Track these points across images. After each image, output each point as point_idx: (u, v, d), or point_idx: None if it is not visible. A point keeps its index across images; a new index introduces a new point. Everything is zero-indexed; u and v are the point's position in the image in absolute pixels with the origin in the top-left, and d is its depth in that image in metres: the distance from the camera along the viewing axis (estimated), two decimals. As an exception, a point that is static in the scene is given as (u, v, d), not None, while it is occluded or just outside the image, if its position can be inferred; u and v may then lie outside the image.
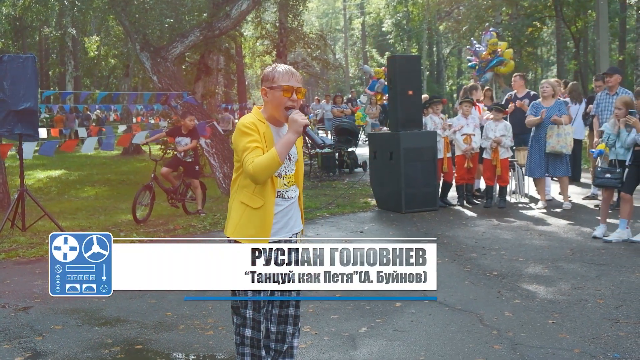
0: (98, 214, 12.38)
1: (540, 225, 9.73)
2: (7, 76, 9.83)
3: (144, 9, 14.79)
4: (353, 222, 10.55)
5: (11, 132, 10.05)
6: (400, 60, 11.89)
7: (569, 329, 5.44)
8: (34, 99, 10.02)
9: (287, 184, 4.01)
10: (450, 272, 7.32)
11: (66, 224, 10.77)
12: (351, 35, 59.79)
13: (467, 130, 11.37)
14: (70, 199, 14.83)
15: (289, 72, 3.89)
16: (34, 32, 38.68)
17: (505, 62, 18.11)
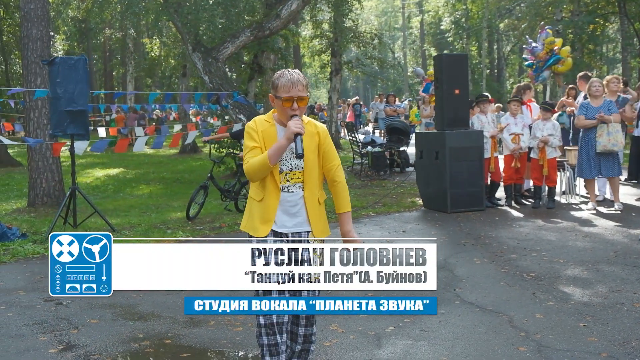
0: (150, 211, 12.61)
1: (587, 227, 9.55)
2: (59, 78, 10.13)
3: (196, 10, 15.02)
4: (397, 221, 10.54)
5: (64, 132, 10.34)
6: (447, 59, 11.85)
7: (599, 333, 5.34)
8: (84, 99, 10.28)
9: (290, 179, 4.15)
10: (487, 273, 7.26)
11: (117, 221, 11.03)
12: (410, 34, 59.50)
13: (515, 130, 11.24)
14: (125, 197, 15.16)
15: (290, 83, 4.01)
16: (97, 34, 39.53)
17: (562, 60, 17.76)
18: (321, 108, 39.84)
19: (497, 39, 45.71)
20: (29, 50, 12.26)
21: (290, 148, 4.07)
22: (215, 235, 9.85)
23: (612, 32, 41.65)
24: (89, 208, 10.68)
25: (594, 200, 10.90)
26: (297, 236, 4.19)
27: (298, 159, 4.05)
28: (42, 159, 12.32)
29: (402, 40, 61.18)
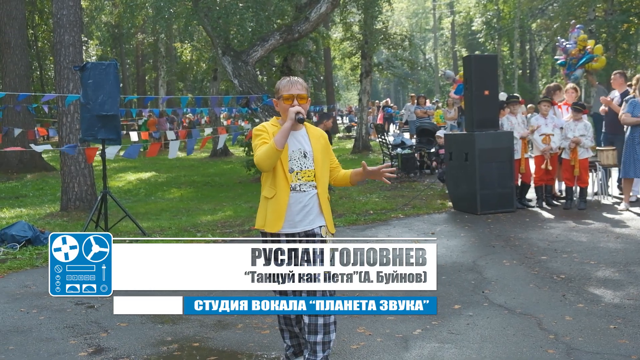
0: (181, 214, 12.70)
1: (619, 228, 9.43)
2: (91, 83, 10.24)
3: (226, 14, 15.10)
4: (426, 223, 10.50)
5: (95, 137, 10.45)
6: (476, 60, 11.78)
7: (630, 335, 5.27)
8: (115, 104, 10.37)
9: (302, 178, 4.38)
10: (516, 275, 7.21)
11: (148, 224, 11.12)
12: (441, 35, 59.27)
13: (545, 130, 11.15)
14: (157, 201, 15.28)
15: (289, 82, 4.39)
16: (130, 39, 39.96)
17: (596, 58, 17.56)
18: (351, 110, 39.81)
19: (529, 39, 45.34)
20: (62, 56, 12.42)
21: (298, 149, 4.38)
22: (244, 237, 9.88)
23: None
24: (121, 212, 10.78)
25: (628, 201, 10.75)
26: (311, 233, 4.39)
27: (300, 123, 4.28)
28: (74, 164, 12.48)
29: (433, 41, 60.96)
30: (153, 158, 23.02)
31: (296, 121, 4.23)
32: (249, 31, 16.42)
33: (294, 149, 4.39)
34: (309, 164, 4.40)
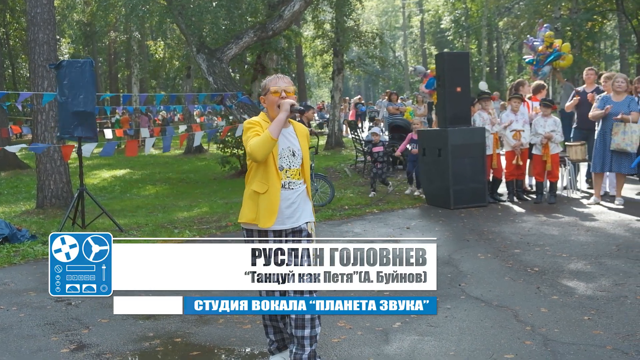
0: (157, 211, 12.63)
1: (589, 221, 9.52)
2: (67, 81, 10.13)
3: (200, 12, 15.02)
4: (401, 218, 10.52)
5: (72, 135, 10.34)
6: (449, 57, 11.88)
7: (604, 326, 5.32)
8: (92, 102, 10.27)
9: (290, 176, 4.40)
10: (491, 268, 7.25)
11: (125, 221, 11.03)
12: (410, 33, 59.48)
13: (516, 126, 11.23)
14: (132, 197, 15.18)
15: (276, 77, 4.49)
16: (102, 37, 39.53)
17: (563, 55, 17.71)
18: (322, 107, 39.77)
19: (497, 37, 45.67)
20: (36, 54, 12.26)
21: (288, 147, 4.38)
22: (221, 234, 9.84)
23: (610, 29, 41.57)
24: (97, 209, 10.68)
25: (598, 195, 10.85)
26: (297, 229, 4.40)
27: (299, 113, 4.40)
28: (50, 161, 12.33)
29: (403, 39, 61.12)
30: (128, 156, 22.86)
31: (291, 112, 4.24)
32: (222, 29, 16.39)
33: (284, 147, 4.38)
34: (297, 162, 4.42)
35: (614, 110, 10.28)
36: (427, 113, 19.55)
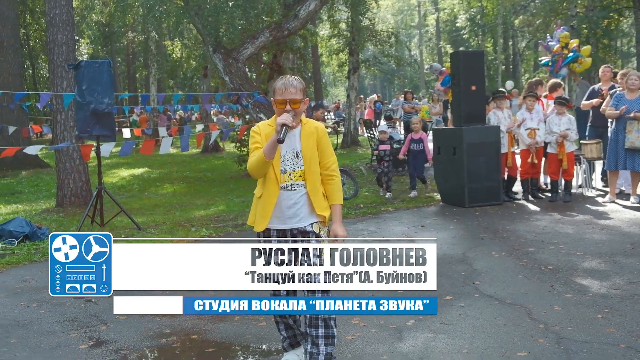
0: (174, 210, 12.67)
1: (604, 220, 9.47)
2: (85, 81, 10.20)
3: (216, 12, 15.07)
4: (416, 216, 10.51)
5: (90, 134, 10.42)
6: (464, 56, 11.81)
7: (617, 324, 5.30)
8: (109, 101, 10.34)
9: (293, 178, 4.32)
10: (505, 266, 7.23)
11: (143, 219, 11.09)
12: (426, 32, 59.36)
13: (531, 125, 11.18)
14: (150, 196, 15.23)
15: (283, 86, 4.24)
16: (120, 37, 39.78)
17: (581, 58, 17.56)
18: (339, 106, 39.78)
19: (512, 35, 45.46)
20: (55, 55, 12.37)
21: (292, 149, 4.31)
22: (237, 232, 9.88)
23: (627, 26, 41.24)
24: (115, 207, 10.75)
25: (613, 193, 10.79)
26: (303, 230, 4.33)
27: (280, 143, 4.07)
28: (69, 160, 12.44)
29: (419, 38, 61.01)
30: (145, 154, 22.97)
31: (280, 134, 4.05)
32: (238, 29, 16.40)
33: (287, 149, 4.31)
34: (300, 163, 4.33)
35: (628, 107, 10.22)
36: (442, 111, 19.51)
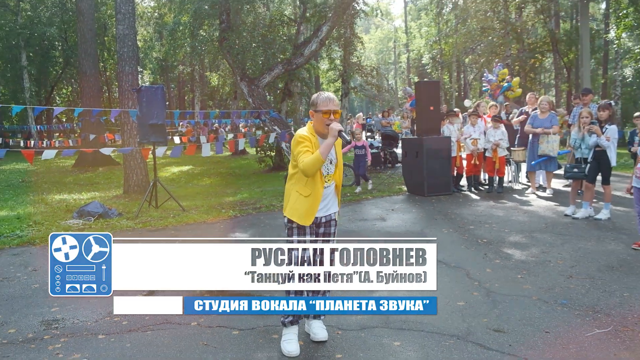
0: (210, 197, 12.66)
1: (526, 206, 9.49)
2: (144, 100, 10.22)
3: (243, 51, 15.06)
4: (388, 202, 10.51)
5: (148, 140, 10.43)
6: (425, 85, 11.80)
7: (532, 282, 5.33)
8: (162, 116, 10.35)
9: (327, 180, 4.02)
10: (452, 239, 7.25)
11: (186, 203, 11.08)
12: (399, 67, 59.11)
13: (474, 135, 11.18)
14: (193, 186, 15.23)
15: (328, 99, 3.91)
16: (173, 69, 39.67)
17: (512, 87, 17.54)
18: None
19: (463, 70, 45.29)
20: (123, 82, 12.37)
21: (329, 159, 3.97)
22: (256, 213, 9.87)
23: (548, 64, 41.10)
24: (166, 194, 10.77)
25: (534, 187, 10.80)
26: (328, 217, 4.04)
27: (347, 144, 3.81)
28: (133, 160, 12.45)
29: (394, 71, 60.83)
30: (190, 156, 22.93)
31: (339, 136, 3.79)
32: (259, 63, 16.39)
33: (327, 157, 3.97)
34: (332, 168, 4.05)
35: (540, 125, 10.25)
36: (410, 125, 19.48)
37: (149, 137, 10.35)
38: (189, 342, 4.13)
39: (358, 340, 4.13)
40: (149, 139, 10.37)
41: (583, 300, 4.79)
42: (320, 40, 15.26)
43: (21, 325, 4.66)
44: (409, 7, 53.17)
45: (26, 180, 17.66)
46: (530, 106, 11.93)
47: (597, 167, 7.94)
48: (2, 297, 5.39)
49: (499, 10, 33.37)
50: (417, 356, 3.87)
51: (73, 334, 4.41)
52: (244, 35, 15.00)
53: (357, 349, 3.97)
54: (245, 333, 4.30)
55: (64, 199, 12.74)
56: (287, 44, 16.88)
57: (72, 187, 15.21)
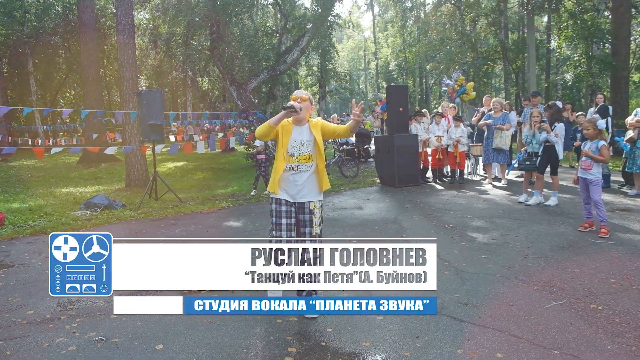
0: (204, 189, 12.51)
1: (485, 195, 9.56)
2: (144, 103, 10.04)
3: (232, 58, 14.88)
4: (364, 193, 10.50)
5: (148, 138, 10.25)
6: (395, 88, 11.79)
7: (494, 261, 5.37)
8: (161, 117, 10.18)
9: (299, 160, 3.93)
10: (422, 225, 7.26)
11: (183, 195, 10.94)
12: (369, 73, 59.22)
13: (438, 133, 11.24)
14: (188, 180, 15.03)
15: (296, 93, 4.10)
16: (168, 75, 39.09)
17: (467, 91, 17.71)
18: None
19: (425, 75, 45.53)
20: (124, 86, 12.13)
21: (299, 140, 3.95)
22: (246, 203, 9.78)
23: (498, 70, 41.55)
24: (165, 187, 10.62)
25: (490, 178, 10.91)
26: (302, 205, 3.94)
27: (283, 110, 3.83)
28: (134, 156, 12.24)
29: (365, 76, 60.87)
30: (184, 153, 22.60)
31: (284, 109, 3.83)
32: (246, 70, 16.23)
33: (296, 139, 3.95)
34: (306, 149, 3.94)
35: (493, 122, 10.36)
36: (380, 125, 19.51)
37: (149, 136, 10.18)
38: (194, 320, 4.06)
39: (346, 316, 4.11)
40: (149, 137, 10.19)
41: (540, 277, 4.85)
42: (301, 49, 15.17)
43: (39, 307, 4.54)
44: (377, 19, 53.18)
45: (34, 175, 17.25)
46: (486, 107, 12.03)
47: (547, 160, 8.04)
48: (20, 281, 5.25)
49: (456, 22, 33.64)
50: (398, 328, 3.86)
51: (88, 314, 4.31)
52: (232, 45, 14.81)
53: (346, 323, 3.95)
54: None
55: (70, 192, 12.47)
56: (270, 53, 16.75)
57: (77, 182, 14.89)
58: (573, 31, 23.40)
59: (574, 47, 28.07)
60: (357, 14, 59.92)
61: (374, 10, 52.80)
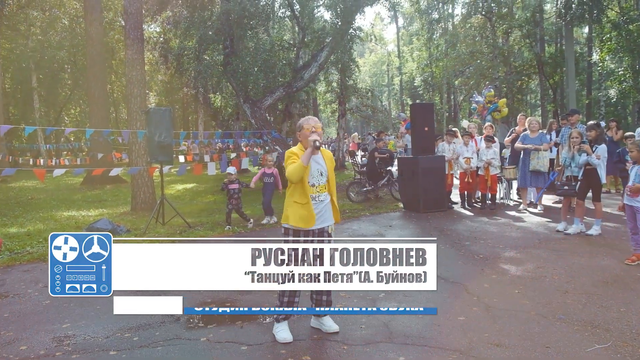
0: (215, 213, 12.58)
1: (519, 222, 9.42)
2: (152, 122, 10.19)
3: (246, 74, 15.07)
4: (385, 219, 10.43)
5: (156, 159, 10.38)
6: (419, 106, 11.82)
7: (529, 297, 5.25)
8: (169, 136, 10.32)
9: (319, 191, 4.23)
10: (448, 255, 7.17)
11: (192, 220, 11.00)
12: (393, 89, 59.43)
13: (467, 155, 11.16)
14: (198, 203, 15.14)
15: (308, 119, 4.34)
16: (178, 91, 39.76)
17: (499, 108, 17.64)
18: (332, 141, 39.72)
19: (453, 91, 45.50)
20: (132, 103, 12.35)
21: (317, 170, 4.25)
22: (259, 229, 9.77)
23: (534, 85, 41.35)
24: (173, 211, 10.69)
25: (525, 203, 10.75)
26: (321, 229, 4.19)
27: (317, 149, 4.08)
28: (140, 178, 12.39)
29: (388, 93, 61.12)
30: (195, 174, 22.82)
31: (313, 146, 4.07)
32: (261, 86, 16.41)
33: (314, 169, 4.24)
34: (322, 180, 4.27)
35: (530, 143, 10.26)
36: (404, 145, 19.49)
37: (157, 157, 10.30)
38: (199, 358, 4.03)
39: (363, 355, 4.04)
40: (157, 158, 10.32)
41: (580, 315, 4.72)
42: (320, 64, 15.31)
43: (33, 342, 4.55)
44: (401, 32, 53.55)
45: (34, 197, 17.54)
46: (520, 126, 11.93)
47: (588, 185, 7.90)
48: (14, 313, 5.29)
49: (486, 35, 33.66)
50: (421, 372, 3.78)
51: (85, 350, 4.30)
52: (246, 60, 15.02)
53: (363, 365, 3.88)
54: (253, 348, 4.21)
55: (72, 215, 12.63)
56: (287, 68, 16.92)
57: (80, 204, 15.09)
58: (617, 43, 23.24)
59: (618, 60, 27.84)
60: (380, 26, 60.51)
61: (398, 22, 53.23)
